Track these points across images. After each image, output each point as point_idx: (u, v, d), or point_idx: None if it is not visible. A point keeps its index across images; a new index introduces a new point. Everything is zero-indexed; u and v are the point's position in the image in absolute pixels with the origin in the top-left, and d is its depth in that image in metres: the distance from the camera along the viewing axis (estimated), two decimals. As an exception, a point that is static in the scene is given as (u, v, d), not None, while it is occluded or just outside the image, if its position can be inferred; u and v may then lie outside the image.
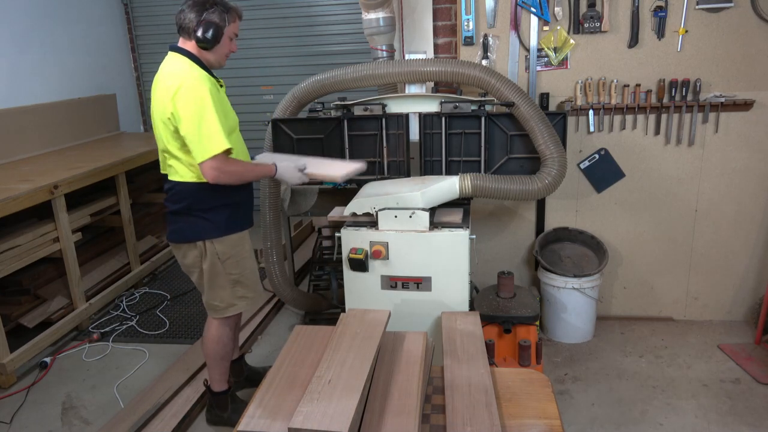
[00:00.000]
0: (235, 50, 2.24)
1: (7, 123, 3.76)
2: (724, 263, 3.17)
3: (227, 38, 2.17)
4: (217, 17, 2.09)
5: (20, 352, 2.88)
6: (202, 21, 2.08)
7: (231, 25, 2.15)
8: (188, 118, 2.00)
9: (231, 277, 2.27)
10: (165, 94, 2.05)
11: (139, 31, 5.27)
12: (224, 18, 2.11)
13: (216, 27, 2.09)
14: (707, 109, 2.91)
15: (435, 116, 2.75)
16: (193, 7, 2.09)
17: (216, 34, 2.10)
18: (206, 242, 2.21)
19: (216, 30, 2.09)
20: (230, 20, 2.14)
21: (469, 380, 1.77)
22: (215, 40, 2.11)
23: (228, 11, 2.12)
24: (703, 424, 2.42)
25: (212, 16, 2.08)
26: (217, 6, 2.09)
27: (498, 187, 2.61)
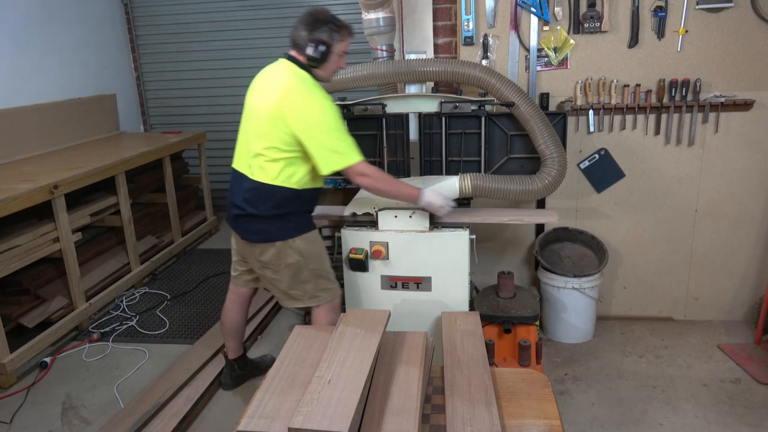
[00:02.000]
0: (343, 66, 2.30)
1: (7, 123, 3.76)
2: (724, 263, 3.17)
3: (336, 55, 2.20)
4: (327, 36, 2.14)
5: (20, 352, 2.88)
6: (312, 39, 2.13)
7: (341, 44, 2.19)
8: (321, 126, 2.08)
9: (314, 272, 2.32)
10: (282, 93, 2.11)
11: (139, 31, 5.27)
12: (333, 36, 2.15)
13: (325, 45, 2.14)
14: (707, 109, 2.91)
15: (435, 116, 2.76)
16: (305, 25, 2.14)
17: (324, 53, 2.15)
18: (288, 241, 2.25)
19: (325, 48, 2.14)
20: (340, 38, 2.18)
21: (469, 380, 1.77)
22: (323, 59, 2.17)
23: (339, 29, 2.16)
24: (703, 424, 2.42)
25: (322, 34, 2.13)
26: (327, 24, 2.14)
27: (498, 187, 2.61)
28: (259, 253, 2.31)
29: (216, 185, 5.19)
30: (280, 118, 2.10)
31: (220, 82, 5.25)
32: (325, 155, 2.09)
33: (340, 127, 2.11)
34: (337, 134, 2.09)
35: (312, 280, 2.33)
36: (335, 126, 2.09)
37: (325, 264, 2.37)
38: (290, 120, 2.08)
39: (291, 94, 2.10)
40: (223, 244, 4.71)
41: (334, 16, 2.18)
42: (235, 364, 2.70)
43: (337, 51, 2.19)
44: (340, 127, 2.11)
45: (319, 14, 2.15)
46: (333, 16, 2.18)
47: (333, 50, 2.17)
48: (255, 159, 2.21)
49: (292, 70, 2.18)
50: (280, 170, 2.17)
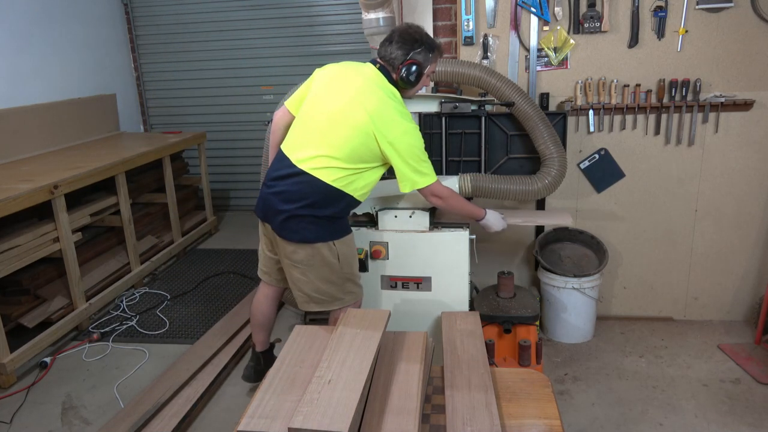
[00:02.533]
0: (428, 84, 2.33)
1: (7, 123, 3.76)
2: (724, 263, 3.17)
3: (426, 76, 2.18)
4: (422, 57, 2.11)
5: (20, 352, 2.88)
6: (407, 61, 2.10)
7: (432, 65, 2.17)
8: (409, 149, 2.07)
9: (345, 275, 2.28)
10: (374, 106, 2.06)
11: (139, 31, 5.28)
12: (428, 58, 2.13)
13: (419, 68, 2.11)
14: (707, 109, 2.91)
15: (435, 116, 2.76)
16: (401, 44, 2.10)
17: (418, 76, 2.13)
18: (328, 243, 2.21)
19: (419, 71, 2.12)
20: (432, 60, 2.15)
21: (469, 380, 1.77)
22: (417, 82, 2.15)
23: (432, 51, 2.13)
24: (703, 424, 2.42)
25: (418, 56, 2.10)
26: (424, 45, 2.10)
27: (498, 187, 2.61)
28: (292, 251, 2.22)
29: (216, 185, 5.20)
30: (368, 134, 2.06)
31: (220, 82, 5.26)
32: (409, 176, 2.10)
33: (422, 148, 2.11)
34: (421, 156, 2.10)
35: (340, 283, 2.28)
36: (420, 148, 2.10)
37: (356, 267, 2.35)
38: (380, 138, 2.06)
39: (383, 110, 2.06)
40: (223, 244, 4.71)
41: (428, 35, 2.14)
42: (262, 358, 2.64)
43: (427, 72, 2.16)
44: (423, 149, 2.11)
45: (416, 33, 2.11)
46: (427, 35, 2.13)
47: (425, 72, 2.14)
48: (320, 158, 2.12)
49: (384, 84, 2.13)
50: (346, 176, 2.12)
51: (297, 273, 2.27)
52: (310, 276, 2.25)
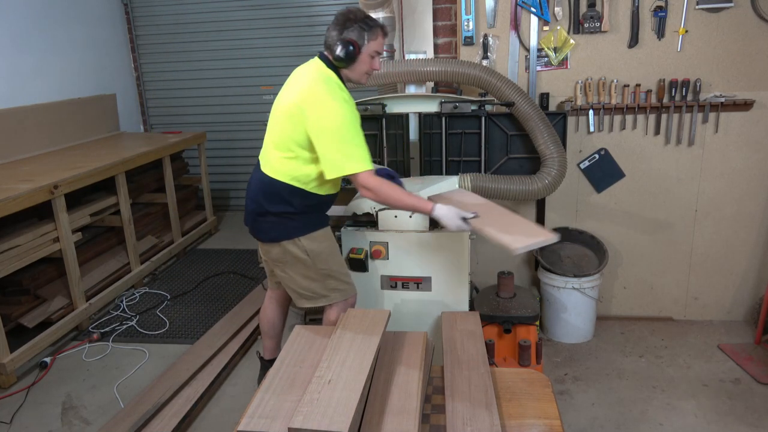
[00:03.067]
0: (377, 68, 2.19)
1: (7, 123, 3.76)
2: (724, 263, 3.17)
3: (367, 56, 2.12)
4: (356, 35, 2.08)
5: (20, 352, 2.88)
6: (341, 39, 2.08)
7: (371, 43, 2.11)
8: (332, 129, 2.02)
9: (322, 271, 2.27)
10: (304, 92, 2.07)
11: (139, 31, 5.28)
12: (363, 36, 2.09)
13: (353, 45, 2.07)
14: (707, 109, 2.91)
15: (435, 116, 2.76)
16: (335, 25, 2.10)
17: (351, 53, 2.08)
18: (294, 240, 2.22)
19: (352, 48, 2.08)
20: (371, 38, 2.10)
21: (469, 380, 1.77)
22: (350, 59, 2.10)
23: (369, 29, 2.09)
24: (703, 424, 2.42)
25: (351, 34, 2.08)
26: (357, 23, 2.08)
27: (498, 187, 2.61)
28: (267, 251, 2.31)
29: (216, 185, 5.20)
30: (298, 116, 2.06)
31: (220, 82, 5.26)
32: (331, 159, 2.03)
33: (353, 133, 2.03)
34: (348, 139, 2.02)
35: (320, 279, 2.29)
36: (348, 131, 2.02)
37: (335, 263, 2.31)
38: (307, 119, 2.05)
39: (311, 93, 2.06)
40: (223, 244, 4.71)
41: (367, 16, 2.11)
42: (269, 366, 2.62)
43: (367, 51, 2.11)
44: (354, 134, 2.03)
45: (350, 13, 2.10)
46: (366, 15, 2.11)
47: (363, 50, 2.10)
48: (272, 154, 2.18)
49: (320, 69, 2.14)
50: (293, 169, 2.14)
51: (279, 271, 2.32)
52: (290, 273, 2.29)
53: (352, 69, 2.14)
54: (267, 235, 2.26)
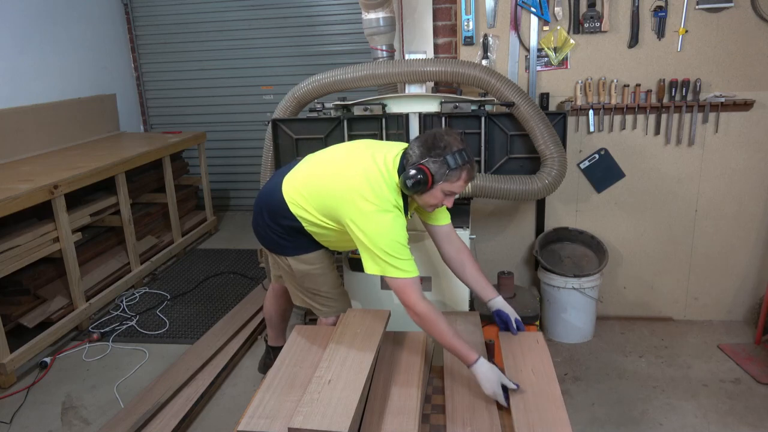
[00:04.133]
0: (448, 206, 1.94)
1: (7, 123, 3.76)
2: (724, 263, 3.16)
3: (439, 191, 1.86)
4: (435, 168, 1.81)
5: (20, 352, 2.88)
6: (418, 163, 1.83)
7: (449, 183, 1.84)
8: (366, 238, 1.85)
9: (309, 291, 2.25)
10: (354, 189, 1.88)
11: (139, 31, 5.28)
12: (444, 174, 1.82)
13: (426, 176, 1.81)
14: (707, 109, 2.91)
15: (435, 116, 2.75)
16: (422, 145, 1.86)
17: (422, 186, 1.83)
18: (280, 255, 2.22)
19: (425, 180, 1.81)
20: (451, 178, 1.83)
21: (469, 380, 1.77)
22: (417, 191, 1.85)
23: (452, 168, 1.81)
24: (703, 424, 2.42)
25: (431, 164, 1.82)
26: (443, 156, 1.81)
27: (498, 187, 2.61)
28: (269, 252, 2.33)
29: (216, 185, 5.20)
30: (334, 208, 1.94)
31: (220, 82, 5.26)
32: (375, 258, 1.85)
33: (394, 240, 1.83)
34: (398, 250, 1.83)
35: (308, 295, 2.27)
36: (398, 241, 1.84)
37: (324, 285, 2.23)
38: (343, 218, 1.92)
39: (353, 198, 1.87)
40: (223, 244, 4.71)
41: (459, 151, 1.82)
42: (272, 352, 2.66)
43: (442, 188, 1.85)
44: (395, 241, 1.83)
45: (441, 140, 1.83)
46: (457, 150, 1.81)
47: (435, 186, 1.84)
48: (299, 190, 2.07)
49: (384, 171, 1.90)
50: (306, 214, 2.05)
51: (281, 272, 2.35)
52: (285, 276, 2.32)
53: (420, 195, 1.90)
54: (261, 239, 2.26)
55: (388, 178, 1.90)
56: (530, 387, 1.72)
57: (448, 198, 1.90)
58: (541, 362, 1.82)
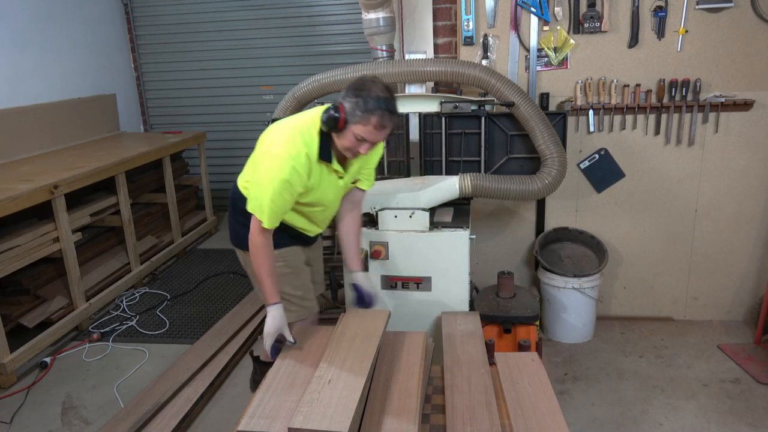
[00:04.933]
0: (362, 152, 1.94)
1: (7, 123, 3.76)
2: (724, 263, 3.16)
3: (351, 134, 1.88)
4: (349, 106, 1.85)
5: (20, 352, 2.88)
6: (338, 102, 1.89)
7: (358, 126, 1.85)
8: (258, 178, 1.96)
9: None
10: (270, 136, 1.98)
11: (139, 31, 5.27)
12: (355, 113, 1.84)
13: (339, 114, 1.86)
14: (707, 109, 2.91)
15: (435, 116, 2.76)
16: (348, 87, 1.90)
17: (334, 122, 1.86)
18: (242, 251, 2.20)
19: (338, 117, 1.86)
20: (359, 120, 1.85)
21: (469, 380, 1.78)
22: (331, 127, 1.88)
23: (364, 110, 1.83)
24: (703, 424, 2.42)
25: (345, 102, 1.87)
26: (359, 98, 1.84)
27: (498, 187, 2.61)
28: None
29: (216, 185, 5.19)
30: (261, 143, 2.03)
31: (220, 82, 5.26)
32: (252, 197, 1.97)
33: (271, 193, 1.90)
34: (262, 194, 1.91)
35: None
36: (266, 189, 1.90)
37: (286, 286, 2.19)
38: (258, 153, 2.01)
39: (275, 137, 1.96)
40: (223, 244, 4.71)
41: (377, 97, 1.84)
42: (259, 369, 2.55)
43: (353, 130, 1.87)
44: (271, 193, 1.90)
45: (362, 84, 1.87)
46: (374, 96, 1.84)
47: (348, 127, 1.87)
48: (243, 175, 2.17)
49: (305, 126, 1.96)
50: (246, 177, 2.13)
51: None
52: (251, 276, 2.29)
53: (337, 137, 1.94)
54: (231, 236, 2.27)
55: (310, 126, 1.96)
56: (527, 397, 1.72)
57: (361, 144, 1.90)
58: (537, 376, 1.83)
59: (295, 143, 1.91)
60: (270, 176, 1.90)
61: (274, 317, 1.98)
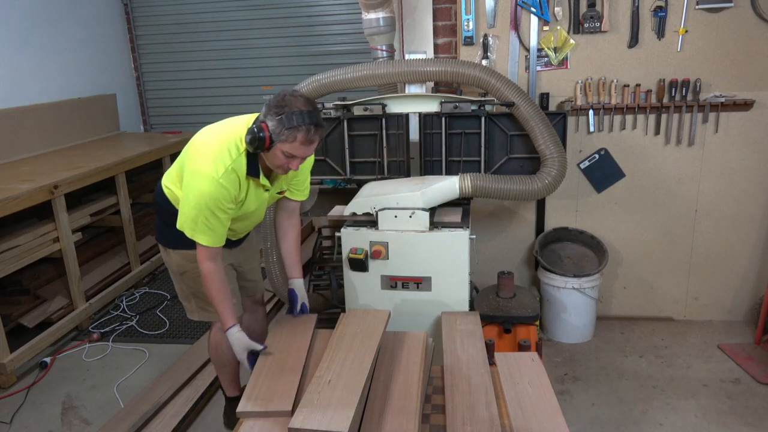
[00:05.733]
0: (294, 168, 1.93)
1: (7, 123, 3.76)
2: (724, 263, 3.16)
3: (279, 152, 1.87)
4: (274, 125, 1.82)
5: (20, 352, 2.88)
6: (260, 120, 1.86)
7: (285, 144, 1.84)
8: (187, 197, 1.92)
9: (189, 289, 2.20)
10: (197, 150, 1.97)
11: (139, 31, 5.27)
12: (281, 132, 1.82)
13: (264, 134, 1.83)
14: (707, 109, 2.91)
15: (435, 116, 2.75)
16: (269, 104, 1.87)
17: (260, 142, 1.84)
18: (167, 249, 2.17)
19: (263, 137, 1.83)
20: (287, 138, 1.83)
21: (469, 380, 1.78)
22: (257, 146, 1.85)
23: (289, 127, 1.81)
24: (703, 424, 2.42)
25: (269, 121, 1.84)
26: (282, 116, 1.81)
27: (498, 187, 2.60)
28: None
29: (216, 185, 5.18)
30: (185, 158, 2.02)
31: (220, 82, 5.25)
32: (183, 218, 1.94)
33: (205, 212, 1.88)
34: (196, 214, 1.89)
35: (190, 297, 2.22)
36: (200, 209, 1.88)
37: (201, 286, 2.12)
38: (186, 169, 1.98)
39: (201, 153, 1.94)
40: (223, 244, 4.71)
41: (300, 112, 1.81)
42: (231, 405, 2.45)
43: (280, 148, 1.85)
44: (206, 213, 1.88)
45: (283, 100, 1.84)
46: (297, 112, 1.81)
47: (274, 145, 1.85)
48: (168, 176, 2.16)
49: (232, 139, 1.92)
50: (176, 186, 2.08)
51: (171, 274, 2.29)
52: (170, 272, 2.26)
53: (266, 156, 1.92)
54: (156, 233, 2.24)
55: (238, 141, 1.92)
56: (527, 397, 1.72)
57: (291, 161, 1.90)
58: (537, 376, 1.83)
59: (223, 160, 1.88)
60: (200, 195, 1.87)
61: (238, 340, 1.99)
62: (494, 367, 1.90)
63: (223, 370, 2.39)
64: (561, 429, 1.57)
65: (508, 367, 1.88)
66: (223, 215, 1.92)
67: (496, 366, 1.90)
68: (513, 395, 1.72)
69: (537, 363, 1.91)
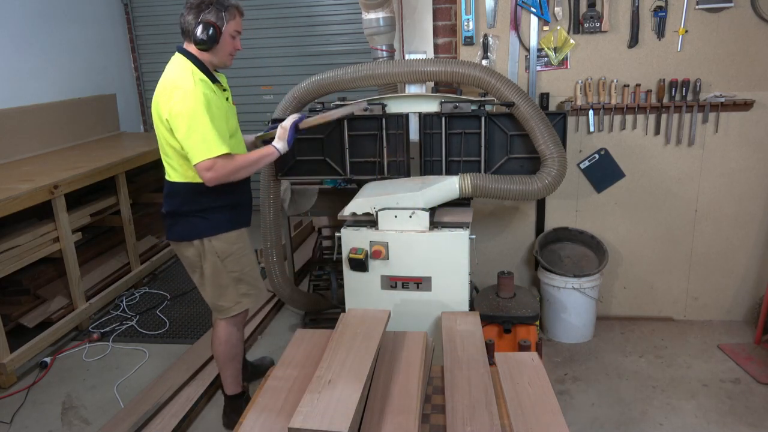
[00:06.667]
0: (239, 48, 2.22)
1: (7, 123, 3.76)
2: (724, 263, 3.16)
3: (228, 36, 2.14)
4: (214, 16, 2.08)
5: (20, 352, 2.88)
6: (199, 22, 2.07)
7: (230, 23, 2.13)
8: (182, 121, 2.01)
9: (232, 275, 2.28)
10: (162, 94, 2.08)
11: (139, 31, 5.28)
12: (222, 17, 2.09)
13: (213, 27, 2.07)
14: (707, 109, 2.91)
15: (435, 116, 2.75)
16: (191, 9, 2.08)
17: (213, 35, 2.08)
18: (204, 240, 2.22)
19: (213, 30, 2.07)
20: (229, 18, 2.12)
21: (469, 380, 1.77)
22: (213, 41, 2.09)
23: (226, 9, 2.09)
24: (703, 424, 2.42)
25: (209, 16, 2.07)
26: (213, 5, 2.07)
27: (498, 187, 2.60)
28: (181, 254, 2.30)
29: (216, 185, 5.19)
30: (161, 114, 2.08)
31: (220, 82, 5.26)
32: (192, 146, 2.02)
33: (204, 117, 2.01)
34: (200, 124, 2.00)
35: (231, 284, 2.28)
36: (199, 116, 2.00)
37: (247, 266, 2.31)
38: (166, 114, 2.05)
39: (166, 90, 2.06)
40: (223, 244, 4.71)
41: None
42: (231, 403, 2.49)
43: (228, 31, 2.12)
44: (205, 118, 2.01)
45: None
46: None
47: (223, 31, 2.11)
48: (164, 159, 2.21)
49: (180, 64, 2.12)
50: (180, 166, 2.15)
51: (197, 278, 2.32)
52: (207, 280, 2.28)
53: (215, 52, 2.14)
54: (178, 234, 2.25)
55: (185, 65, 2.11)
56: (527, 397, 1.72)
57: (236, 41, 2.19)
58: (537, 376, 1.83)
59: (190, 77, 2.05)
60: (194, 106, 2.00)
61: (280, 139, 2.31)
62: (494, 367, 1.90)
63: (229, 365, 2.41)
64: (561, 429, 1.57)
65: (508, 367, 1.88)
66: (219, 112, 2.08)
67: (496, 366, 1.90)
68: (513, 395, 1.71)
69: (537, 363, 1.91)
